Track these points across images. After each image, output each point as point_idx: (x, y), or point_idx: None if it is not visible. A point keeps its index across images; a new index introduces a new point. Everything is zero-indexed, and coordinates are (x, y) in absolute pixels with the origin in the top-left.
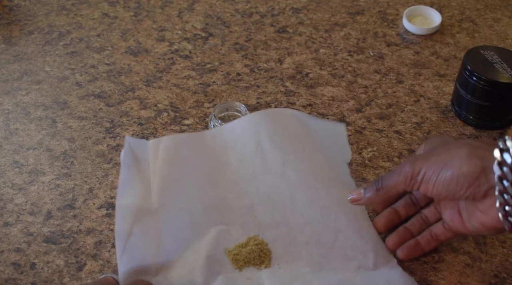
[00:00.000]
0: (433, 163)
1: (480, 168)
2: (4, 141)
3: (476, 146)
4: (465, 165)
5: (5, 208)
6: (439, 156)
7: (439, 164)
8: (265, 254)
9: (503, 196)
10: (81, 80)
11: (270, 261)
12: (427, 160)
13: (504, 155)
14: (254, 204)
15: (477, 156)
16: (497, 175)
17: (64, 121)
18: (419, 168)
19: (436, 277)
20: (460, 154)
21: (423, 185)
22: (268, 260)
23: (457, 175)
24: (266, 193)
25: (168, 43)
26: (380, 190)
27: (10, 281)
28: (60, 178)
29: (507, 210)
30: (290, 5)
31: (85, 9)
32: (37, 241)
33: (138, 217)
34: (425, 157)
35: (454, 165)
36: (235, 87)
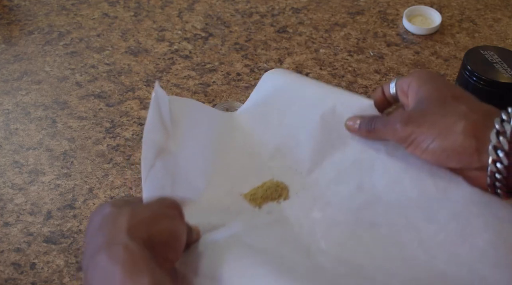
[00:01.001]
0: (426, 130)
1: (474, 148)
2: (4, 141)
3: (474, 122)
4: (459, 143)
5: (5, 208)
6: (433, 124)
7: (432, 133)
8: (282, 188)
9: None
10: (81, 80)
11: (288, 193)
12: (420, 125)
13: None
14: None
15: (473, 136)
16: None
17: (64, 121)
18: (410, 131)
19: None
20: (456, 130)
21: (411, 148)
22: (286, 193)
23: (449, 150)
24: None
25: (168, 43)
26: (371, 132)
27: (10, 281)
28: (60, 178)
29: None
30: (290, 5)
31: (85, 9)
32: (37, 241)
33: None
34: (418, 121)
35: (447, 139)
36: (235, 87)
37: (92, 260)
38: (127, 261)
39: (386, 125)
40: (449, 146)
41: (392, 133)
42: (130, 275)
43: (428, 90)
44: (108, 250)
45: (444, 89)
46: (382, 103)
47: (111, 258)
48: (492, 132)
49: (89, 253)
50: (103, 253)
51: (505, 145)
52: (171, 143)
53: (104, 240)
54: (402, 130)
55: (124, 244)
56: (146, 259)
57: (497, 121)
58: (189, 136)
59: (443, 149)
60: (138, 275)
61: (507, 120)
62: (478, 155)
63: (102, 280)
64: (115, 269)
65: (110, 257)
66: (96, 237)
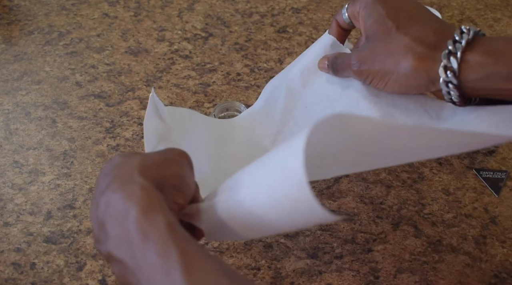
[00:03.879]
0: (379, 69)
1: (427, 80)
2: (4, 141)
3: (420, 57)
4: (412, 79)
5: (5, 208)
6: (384, 64)
7: (385, 72)
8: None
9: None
10: (81, 80)
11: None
12: (373, 65)
13: (448, 74)
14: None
15: (424, 71)
16: (442, 65)
17: (64, 121)
18: (366, 73)
19: (436, 277)
20: (405, 66)
21: (372, 84)
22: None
23: (405, 85)
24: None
25: (168, 43)
26: (336, 72)
27: (10, 281)
28: (60, 178)
29: (452, 94)
30: (290, 5)
31: (85, 9)
32: (37, 241)
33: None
34: (370, 61)
35: (400, 76)
36: (235, 87)
37: (104, 197)
38: (143, 200)
39: (345, 67)
40: (404, 82)
41: (352, 74)
42: (146, 214)
43: (374, 24)
44: (123, 189)
45: (387, 19)
46: (340, 35)
47: (126, 197)
48: (444, 53)
49: (100, 190)
50: (118, 192)
51: (455, 65)
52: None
53: (116, 179)
54: (359, 73)
55: (139, 183)
56: (160, 199)
57: (450, 43)
58: (189, 135)
59: (400, 84)
60: (153, 214)
61: (459, 40)
62: (432, 84)
63: (116, 218)
64: (130, 208)
65: (125, 196)
66: (107, 176)
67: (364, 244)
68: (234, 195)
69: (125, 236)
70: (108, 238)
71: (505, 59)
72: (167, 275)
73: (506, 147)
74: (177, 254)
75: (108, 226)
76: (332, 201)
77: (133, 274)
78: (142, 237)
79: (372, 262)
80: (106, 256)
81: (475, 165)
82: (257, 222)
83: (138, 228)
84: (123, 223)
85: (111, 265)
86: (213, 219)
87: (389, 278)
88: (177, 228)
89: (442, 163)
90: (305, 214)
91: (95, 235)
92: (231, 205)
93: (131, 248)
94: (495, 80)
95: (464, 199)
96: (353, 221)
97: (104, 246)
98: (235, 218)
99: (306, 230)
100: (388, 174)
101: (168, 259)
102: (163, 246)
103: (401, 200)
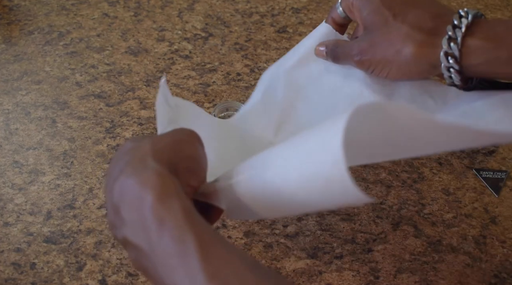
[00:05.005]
0: (381, 59)
1: (429, 66)
2: (4, 141)
3: (420, 44)
4: (414, 66)
5: (5, 208)
6: (385, 53)
7: (387, 61)
8: None
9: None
10: (81, 80)
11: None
12: (374, 55)
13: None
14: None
15: (424, 56)
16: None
17: (64, 121)
18: (368, 63)
19: (436, 277)
20: (406, 55)
21: (374, 74)
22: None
23: (408, 72)
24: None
25: (168, 43)
26: (336, 60)
27: (10, 281)
28: (60, 178)
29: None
30: (290, 5)
31: (85, 9)
32: (37, 241)
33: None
34: (371, 52)
35: (402, 65)
36: (235, 87)
37: (118, 183)
38: (158, 186)
39: (346, 57)
40: (407, 70)
41: (353, 65)
42: (162, 200)
43: (370, 14)
44: (137, 175)
45: (382, 8)
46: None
47: (141, 183)
48: (444, 39)
49: (113, 176)
50: (132, 178)
51: (456, 52)
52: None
53: (130, 164)
54: (361, 63)
55: (154, 169)
56: (175, 184)
57: (449, 28)
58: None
59: (402, 72)
60: (169, 200)
61: (459, 25)
62: (434, 68)
63: (131, 204)
64: (145, 194)
65: (140, 182)
66: (120, 162)
67: (364, 244)
68: (260, 174)
69: (141, 222)
70: (124, 224)
71: (506, 44)
72: (184, 261)
73: (506, 147)
74: (194, 240)
75: (124, 212)
76: None
77: (149, 260)
78: (158, 224)
79: (372, 262)
80: (122, 241)
81: (475, 165)
82: (284, 202)
83: (154, 214)
84: (139, 210)
85: (127, 250)
86: (233, 199)
87: (389, 278)
88: (194, 214)
89: (442, 163)
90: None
91: (110, 221)
92: (256, 184)
93: (147, 234)
94: (496, 65)
95: (464, 199)
96: (353, 221)
97: (120, 231)
98: (259, 197)
99: (306, 230)
100: (388, 174)
101: (185, 245)
102: (180, 232)
103: (401, 200)
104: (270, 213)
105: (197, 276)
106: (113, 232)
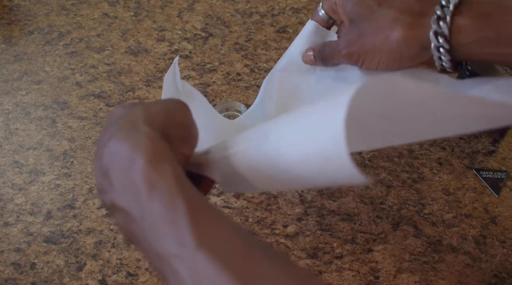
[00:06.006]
0: (369, 49)
1: (419, 48)
2: (4, 141)
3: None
4: (405, 50)
5: (5, 208)
6: (374, 41)
7: (377, 50)
8: None
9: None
10: (81, 80)
11: None
12: (363, 46)
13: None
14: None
15: (414, 38)
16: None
17: (64, 121)
18: (356, 55)
19: (436, 277)
20: (395, 39)
21: (365, 66)
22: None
23: (398, 58)
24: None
25: (168, 43)
26: (325, 61)
27: (10, 281)
28: (60, 178)
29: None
30: (290, 5)
31: (85, 9)
32: (37, 241)
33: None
34: (359, 43)
35: (393, 50)
36: (235, 87)
37: (108, 147)
38: (149, 150)
39: (334, 53)
40: (398, 55)
41: (342, 60)
42: (153, 164)
43: (354, 7)
44: (128, 138)
45: None
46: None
47: (132, 146)
48: (433, 18)
49: (103, 141)
50: (123, 141)
51: (445, 30)
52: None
53: (121, 129)
54: (349, 56)
55: (146, 132)
56: (167, 150)
57: (437, 8)
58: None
59: (394, 59)
60: (160, 165)
61: (447, 5)
62: (425, 51)
63: (121, 167)
64: (136, 158)
65: (130, 145)
66: (112, 126)
67: (364, 244)
68: (258, 146)
69: (130, 185)
70: (112, 187)
71: (494, 23)
72: (173, 225)
73: (506, 147)
74: (185, 206)
75: (112, 175)
76: (332, 201)
77: (137, 223)
78: (148, 187)
79: (372, 262)
80: (109, 206)
81: (475, 165)
82: (280, 176)
83: (145, 178)
84: (129, 173)
85: (114, 216)
86: (228, 170)
87: (389, 278)
88: (185, 180)
89: (442, 163)
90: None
91: (98, 186)
92: (253, 156)
93: (137, 198)
94: (485, 45)
95: (464, 199)
96: (353, 221)
97: (108, 195)
98: (255, 170)
99: (306, 230)
100: (388, 174)
101: (175, 209)
102: (170, 197)
103: (401, 200)
104: (265, 186)
105: (186, 241)
106: (101, 197)
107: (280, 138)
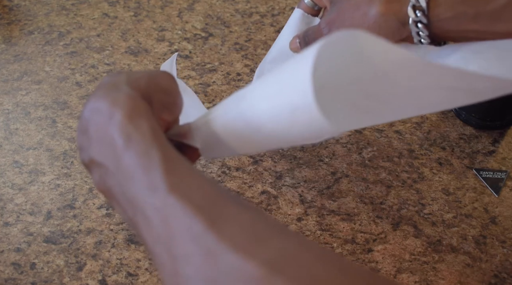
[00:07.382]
0: (349, 26)
1: (398, 24)
2: (4, 141)
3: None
4: (384, 25)
5: (5, 208)
6: (353, 17)
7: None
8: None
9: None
10: (81, 80)
11: None
12: (342, 23)
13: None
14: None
15: (392, 14)
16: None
17: (64, 121)
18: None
19: (436, 277)
20: (375, 15)
21: None
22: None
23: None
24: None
25: (168, 43)
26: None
27: (10, 281)
28: (60, 178)
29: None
30: (290, 5)
31: (85, 9)
32: (37, 241)
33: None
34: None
35: (372, 26)
36: (235, 87)
37: (89, 105)
38: (128, 105)
39: (317, 36)
40: (376, 31)
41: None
42: (130, 118)
43: None
44: (108, 96)
45: None
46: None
47: (111, 103)
48: (409, 8)
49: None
50: (103, 99)
51: (423, 3)
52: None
53: (105, 91)
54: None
55: (126, 92)
56: (146, 107)
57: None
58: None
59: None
60: (138, 119)
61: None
62: (403, 26)
63: (100, 122)
64: (114, 112)
65: (110, 101)
66: (97, 91)
67: (364, 244)
68: (234, 108)
69: (108, 139)
70: (91, 143)
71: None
72: (147, 173)
73: (506, 147)
74: (159, 155)
75: (91, 131)
76: (332, 201)
77: (113, 176)
78: (124, 139)
79: (372, 262)
80: (88, 162)
81: (475, 165)
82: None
83: (122, 130)
84: (107, 127)
85: (92, 173)
86: (208, 134)
87: (389, 278)
88: (161, 135)
89: (442, 163)
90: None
91: (78, 143)
92: (230, 117)
93: (113, 150)
94: (463, 21)
95: (464, 199)
96: (353, 221)
97: (87, 153)
98: (232, 131)
99: (306, 230)
100: (388, 174)
101: (149, 159)
102: (145, 147)
103: (401, 200)
104: (244, 148)
105: (158, 186)
106: (81, 156)
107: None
